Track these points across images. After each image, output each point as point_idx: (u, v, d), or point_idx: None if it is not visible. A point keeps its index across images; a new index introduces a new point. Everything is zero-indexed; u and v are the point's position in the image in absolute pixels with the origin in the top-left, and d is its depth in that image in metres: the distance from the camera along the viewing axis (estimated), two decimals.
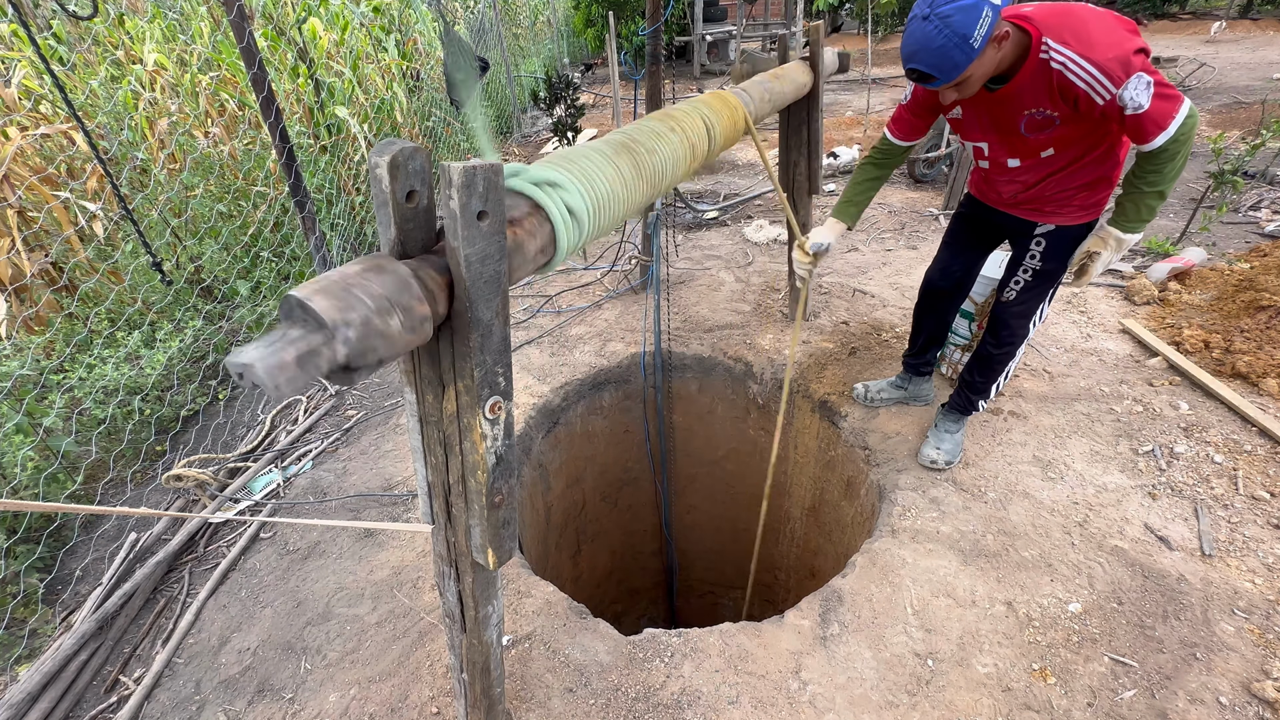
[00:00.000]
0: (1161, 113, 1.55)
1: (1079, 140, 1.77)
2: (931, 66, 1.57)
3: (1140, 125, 1.57)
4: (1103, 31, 1.57)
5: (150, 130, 3.92)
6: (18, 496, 2.30)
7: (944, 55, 1.53)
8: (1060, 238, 1.95)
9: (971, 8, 1.48)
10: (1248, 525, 2.00)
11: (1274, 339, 2.68)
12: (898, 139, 2.13)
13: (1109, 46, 1.54)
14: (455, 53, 4.55)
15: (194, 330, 3.25)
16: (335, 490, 2.50)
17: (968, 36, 1.50)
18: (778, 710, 1.61)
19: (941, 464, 2.28)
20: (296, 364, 0.62)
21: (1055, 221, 1.94)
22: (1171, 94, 1.55)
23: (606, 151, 1.16)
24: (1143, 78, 1.52)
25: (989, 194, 2.11)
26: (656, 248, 3.25)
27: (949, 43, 1.51)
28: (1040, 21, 1.61)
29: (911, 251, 4.15)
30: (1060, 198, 1.90)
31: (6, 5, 3.54)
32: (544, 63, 10.96)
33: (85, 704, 1.82)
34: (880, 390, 2.66)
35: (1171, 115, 1.55)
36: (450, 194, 0.76)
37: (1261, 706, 1.54)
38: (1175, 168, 1.63)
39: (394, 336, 0.72)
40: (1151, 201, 1.71)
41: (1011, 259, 2.10)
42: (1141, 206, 1.73)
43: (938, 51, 1.54)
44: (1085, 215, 1.91)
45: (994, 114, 1.82)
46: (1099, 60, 1.53)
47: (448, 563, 1.16)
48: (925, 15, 1.54)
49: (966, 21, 1.49)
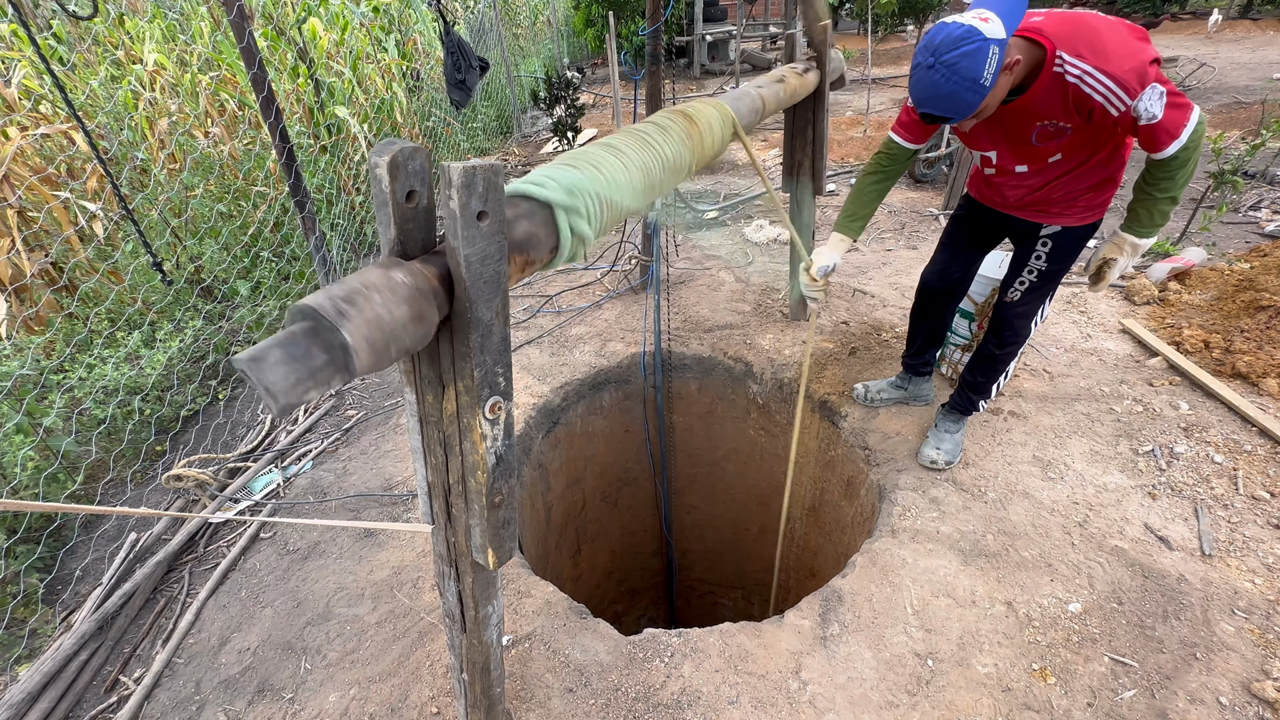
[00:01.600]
0: (1174, 122, 1.56)
1: (1086, 145, 1.77)
2: (944, 110, 1.56)
3: (1154, 135, 1.59)
4: (1117, 43, 1.56)
5: (150, 130, 3.92)
6: (18, 496, 2.30)
7: (956, 99, 1.52)
8: (1066, 238, 1.95)
9: (976, 51, 1.46)
10: (1248, 525, 2.00)
11: (1274, 339, 2.68)
12: (906, 142, 2.06)
13: (1124, 58, 1.53)
14: (455, 53, 4.55)
15: (194, 330, 3.25)
16: (335, 490, 2.50)
17: (977, 79, 1.48)
18: (778, 710, 1.61)
19: (941, 464, 2.28)
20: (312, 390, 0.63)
21: (1061, 222, 1.94)
22: (1182, 103, 1.56)
23: (607, 154, 1.16)
24: (1156, 88, 1.53)
25: (991, 197, 2.10)
26: (656, 247, 3.25)
27: (959, 88, 1.50)
28: (1053, 34, 1.59)
29: (911, 251, 4.15)
30: (1066, 199, 1.90)
31: (6, 5, 3.54)
32: (544, 63, 10.95)
33: (85, 704, 1.82)
34: (880, 390, 2.66)
35: (1183, 124, 1.57)
36: (450, 194, 0.76)
37: (1261, 706, 1.54)
38: (1186, 174, 1.65)
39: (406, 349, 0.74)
40: (1164, 207, 1.73)
41: (1015, 260, 2.09)
42: (1155, 212, 1.74)
43: (949, 98, 1.53)
44: (1091, 215, 1.91)
45: (1005, 126, 1.80)
46: (1115, 73, 1.52)
47: (448, 563, 1.16)
48: (930, 65, 1.51)
49: (974, 66, 1.47)
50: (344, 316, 0.65)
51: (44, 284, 3.26)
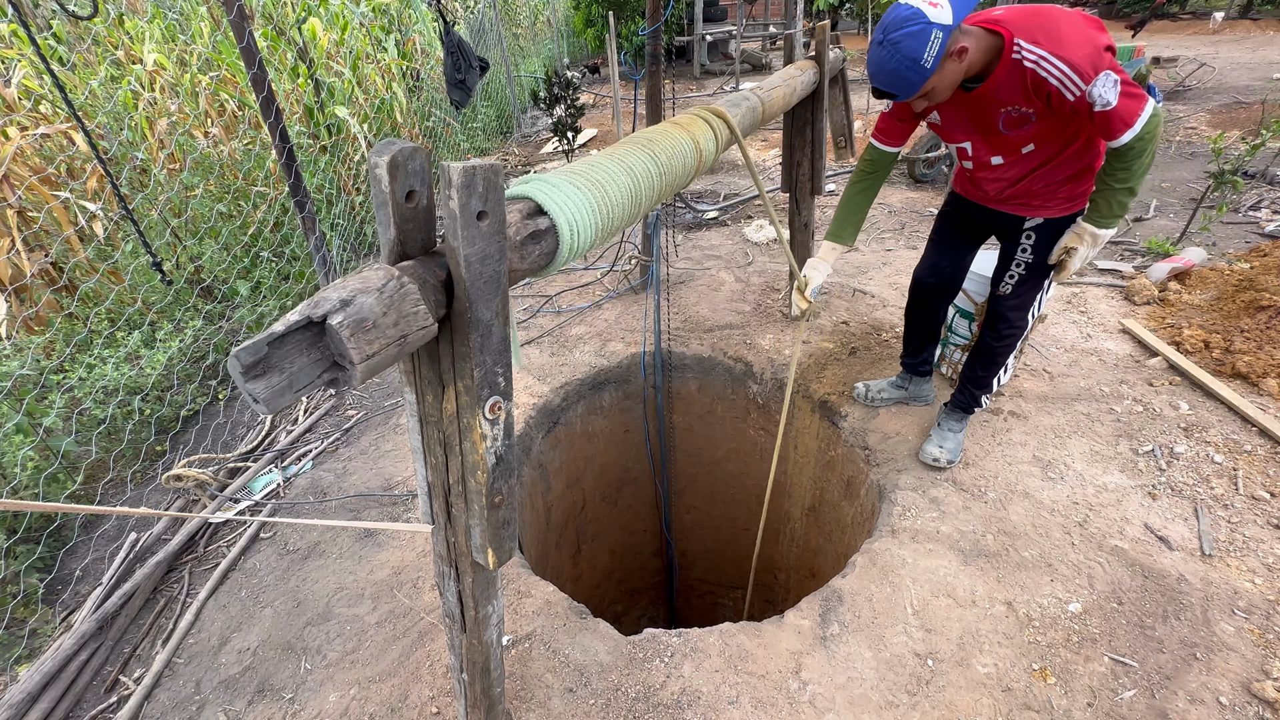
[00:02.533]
0: (1128, 110, 1.61)
1: (1057, 134, 1.81)
2: (889, 86, 1.69)
3: (1108, 122, 1.63)
4: (1072, 30, 1.63)
5: (150, 130, 3.92)
6: (18, 496, 2.30)
7: (898, 76, 1.65)
8: (1049, 230, 1.98)
9: (919, 33, 1.58)
10: (1247, 525, 2.00)
11: (1274, 339, 2.68)
12: (886, 146, 2.15)
13: (1079, 45, 1.60)
14: (455, 53, 4.55)
15: (194, 330, 3.25)
16: (335, 490, 2.50)
17: (918, 59, 1.60)
18: (778, 710, 1.61)
19: (944, 462, 2.29)
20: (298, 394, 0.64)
21: (1043, 214, 1.97)
22: (1137, 93, 1.61)
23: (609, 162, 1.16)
24: (1110, 76, 1.58)
25: (974, 192, 2.13)
26: (656, 248, 3.25)
27: (901, 65, 1.62)
28: (1011, 23, 1.68)
29: (911, 251, 4.15)
30: (1046, 191, 1.93)
31: (6, 5, 3.54)
32: (544, 63, 10.95)
33: (85, 704, 1.82)
34: (880, 390, 2.66)
35: (1137, 113, 1.61)
36: (450, 194, 0.76)
37: (1261, 706, 1.54)
38: (1143, 165, 1.69)
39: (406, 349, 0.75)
40: (1122, 198, 1.76)
41: (1002, 254, 2.12)
42: (1114, 202, 1.78)
43: (892, 74, 1.65)
44: (1072, 206, 1.94)
45: (972, 114, 1.87)
46: (1070, 58, 1.59)
47: (448, 563, 1.16)
48: (880, 41, 1.65)
49: (915, 46, 1.59)
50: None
51: (44, 284, 3.26)
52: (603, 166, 1.12)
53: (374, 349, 0.70)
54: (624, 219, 1.15)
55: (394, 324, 0.72)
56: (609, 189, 1.09)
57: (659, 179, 1.25)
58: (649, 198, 1.22)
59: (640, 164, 1.20)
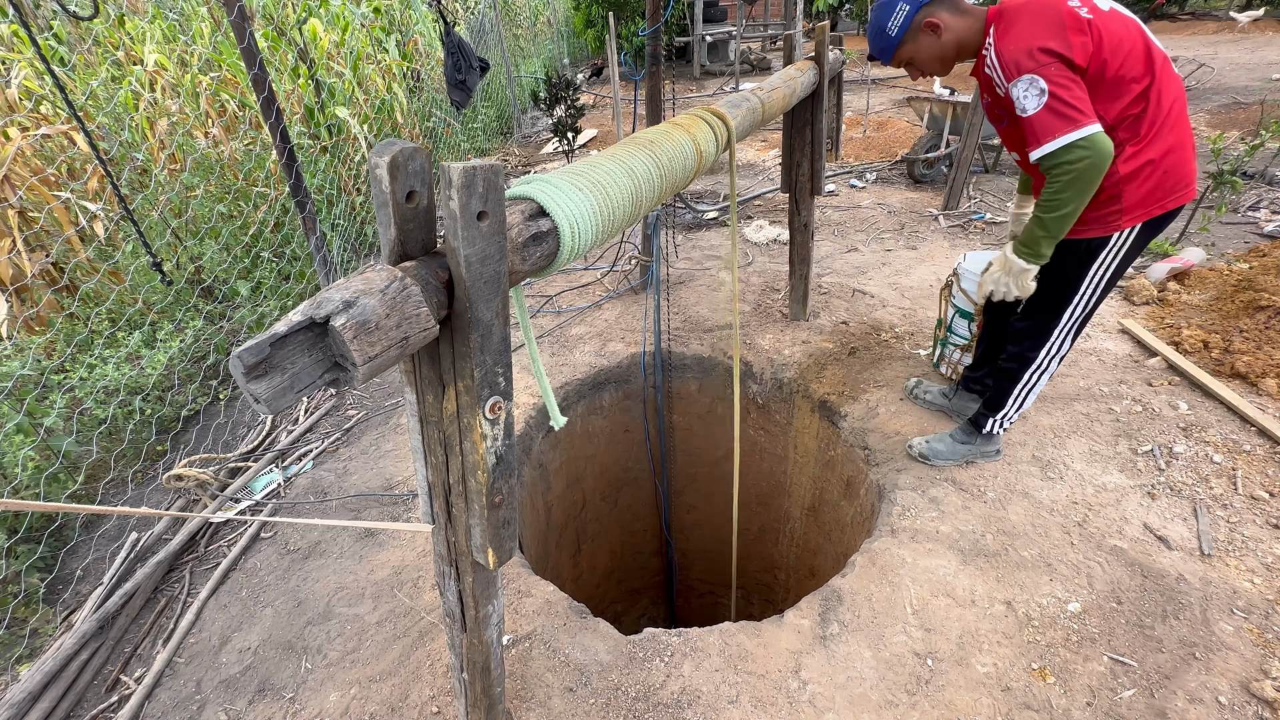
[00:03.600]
0: (1044, 126, 1.48)
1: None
2: (870, 48, 1.88)
3: (1029, 129, 1.53)
4: (1027, 24, 1.56)
5: (150, 131, 3.92)
6: (18, 496, 2.30)
7: (872, 41, 1.85)
8: (1062, 251, 1.76)
9: (888, 4, 1.76)
10: (1247, 525, 2.01)
11: (1273, 339, 2.69)
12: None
13: (1015, 39, 1.55)
14: (455, 54, 4.55)
15: (194, 330, 3.26)
16: (336, 490, 2.50)
17: (883, 28, 1.79)
18: (777, 710, 1.62)
19: (916, 454, 2.31)
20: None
21: None
22: (1067, 114, 1.45)
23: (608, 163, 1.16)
24: (1037, 82, 1.47)
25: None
26: (656, 248, 3.25)
27: (873, 32, 1.83)
28: (1000, 11, 1.68)
29: (911, 252, 4.15)
30: None
31: (7, 5, 3.55)
32: (544, 63, 10.96)
33: (86, 703, 1.82)
34: (927, 391, 2.60)
35: (1053, 133, 1.46)
36: (450, 194, 0.76)
37: (1260, 706, 1.54)
38: (1059, 199, 1.52)
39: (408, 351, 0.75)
40: (1037, 231, 1.62)
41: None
42: (1030, 233, 1.66)
43: (870, 39, 1.86)
44: (1088, 230, 1.71)
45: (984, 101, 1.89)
46: (1002, 50, 1.58)
47: (448, 563, 1.16)
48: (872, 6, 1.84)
49: (882, 16, 1.78)
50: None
51: (45, 284, 3.27)
52: (603, 167, 1.13)
53: (376, 350, 0.70)
54: (625, 220, 1.15)
55: (396, 325, 0.72)
56: (610, 190, 1.09)
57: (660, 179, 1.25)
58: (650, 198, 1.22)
59: (641, 164, 1.20)
